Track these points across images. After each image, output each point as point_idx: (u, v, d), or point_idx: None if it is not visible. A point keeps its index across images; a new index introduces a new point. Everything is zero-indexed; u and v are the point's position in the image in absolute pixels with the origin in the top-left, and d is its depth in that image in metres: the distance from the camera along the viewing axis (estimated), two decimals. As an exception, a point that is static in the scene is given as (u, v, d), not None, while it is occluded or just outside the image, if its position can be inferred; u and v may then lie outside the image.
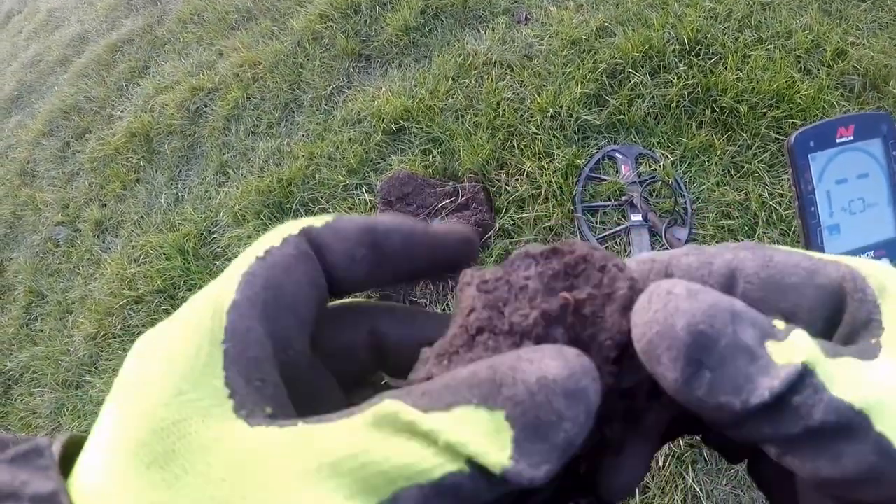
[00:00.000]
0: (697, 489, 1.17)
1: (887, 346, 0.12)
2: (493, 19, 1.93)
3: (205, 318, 0.13)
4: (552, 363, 0.11)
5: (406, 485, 0.10)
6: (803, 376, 0.11)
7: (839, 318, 0.13)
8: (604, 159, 1.57)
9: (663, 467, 1.19)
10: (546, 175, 1.54)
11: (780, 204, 1.45)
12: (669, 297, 0.11)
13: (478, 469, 0.10)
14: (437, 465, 0.10)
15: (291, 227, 0.15)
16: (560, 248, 0.14)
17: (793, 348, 0.11)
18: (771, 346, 0.11)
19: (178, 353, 0.12)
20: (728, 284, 0.14)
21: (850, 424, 0.11)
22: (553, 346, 0.12)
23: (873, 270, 0.13)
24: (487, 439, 0.10)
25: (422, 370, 0.13)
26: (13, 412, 1.83)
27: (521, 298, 0.13)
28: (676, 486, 1.18)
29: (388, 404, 0.11)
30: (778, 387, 0.11)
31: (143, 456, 0.11)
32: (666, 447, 1.20)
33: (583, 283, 0.13)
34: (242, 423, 0.11)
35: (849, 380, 0.11)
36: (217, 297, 0.13)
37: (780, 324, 0.12)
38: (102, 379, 1.72)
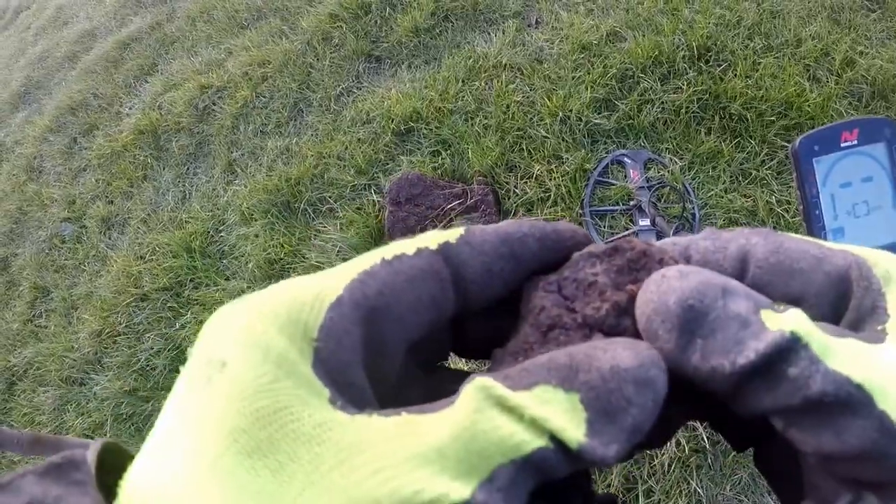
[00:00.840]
0: (701, 493, 1.17)
1: (893, 333, 0.13)
2: (503, 22, 1.94)
3: (302, 308, 0.12)
4: (624, 353, 0.12)
5: (503, 461, 0.11)
6: (797, 348, 0.11)
7: (845, 305, 0.14)
8: (612, 164, 1.58)
9: (668, 472, 1.19)
10: (555, 178, 1.54)
11: (787, 211, 1.45)
12: (663, 279, 0.13)
13: (559, 445, 0.11)
14: (528, 441, 0.11)
15: (428, 239, 0.14)
16: (621, 246, 0.15)
17: (785, 319, 0.12)
18: (766, 315, 0.12)
19: (273, 340, 0.12)
20: (740, 268, 0.14)
21: (852, 399, 0.11)
22: (624, 338, 0.13)
23: (880, 259, 0.14)
24: (565, 417, 0.11)
25: (498, 369, 0.14)
26: (16, 408, 1.83)
27: (591, 293, 0.14)
28: (681, 491, 1.18)
29: (480, 379, 0.11)
30: (763, 348, 0.11)
31: (244, 443, 0.10)
32: (671, 452, 1.20)
33: (645, 275, 0.14)
34: (342, 413, 0.11)
35: (849, 356, 0.12)
36: (322, 287, 0.13)
37: (781, 305, 0.13)
38: (106, 376, 1.72)
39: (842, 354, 0.12)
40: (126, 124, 2.38)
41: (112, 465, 0.12)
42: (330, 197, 1.74)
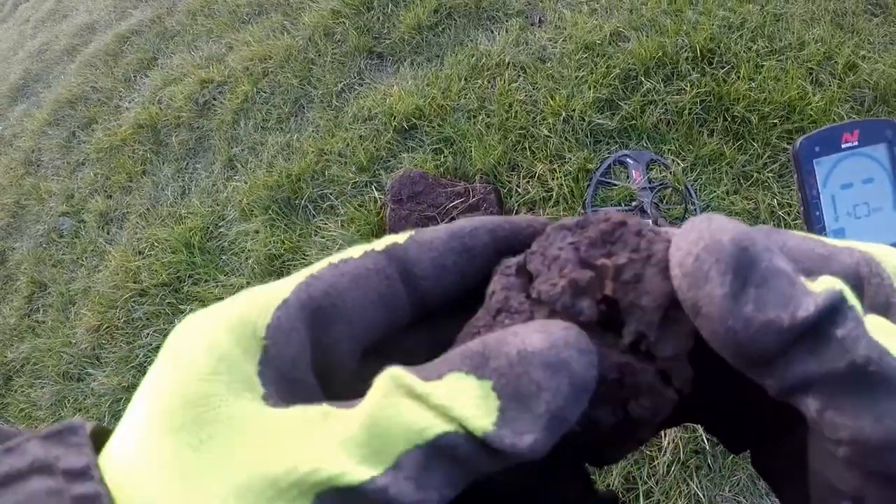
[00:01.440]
0: (701, 495, 1.18)
1: None
2: (506, 20, 1.93)
3: (253, 311, 0.13)
4: (535, 336, 0.11)
5: (407, 447, 0.11)
6: (843, 309, 0.11)
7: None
8: (615, 164, 1.58)
9: (667, 473, 1.19)
10: (557, 178, 1.54)
11: (788, 214, 1.46)
12: (711, 220, 0.12)
13: (470, 433, 0.11)
14: (431, 426, 0.11)
15: (376, 242, 0.15)
16: (591, 218, 0.14)
17: (827, 280, 0.11)
18: (804, 279, 0.11)
19: (220, 339, 0.12)
20: None
21: (893, 377, 0.10)
22: (542, 321, 0.12)
23: (888, 254, 0.14)
24: (475, 404, 0.11)
25: None
26: (13, 403, 1.81)
27: (553, 269, 0.13)
28: (680, 492, 1.18)
29: (391, 370, 0.12)
30: (822, 302, 0.11)
31: (173, 422, 0.11)
32: (670, 453, 1.20)
33: (620, 248, 0.13)
34: (268, 406, 0.12)
35: (883, 330, 0.11)
36: (272, 293, 0.13)
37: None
38: (104, 372, 1.71)
39: (876, 325, 0.11)
40: (125, 118, 2.37)
41: (104, 441, 0.13)
42: (331, 194, 1.74)
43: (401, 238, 0.15)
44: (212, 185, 1.97)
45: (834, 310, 0.11)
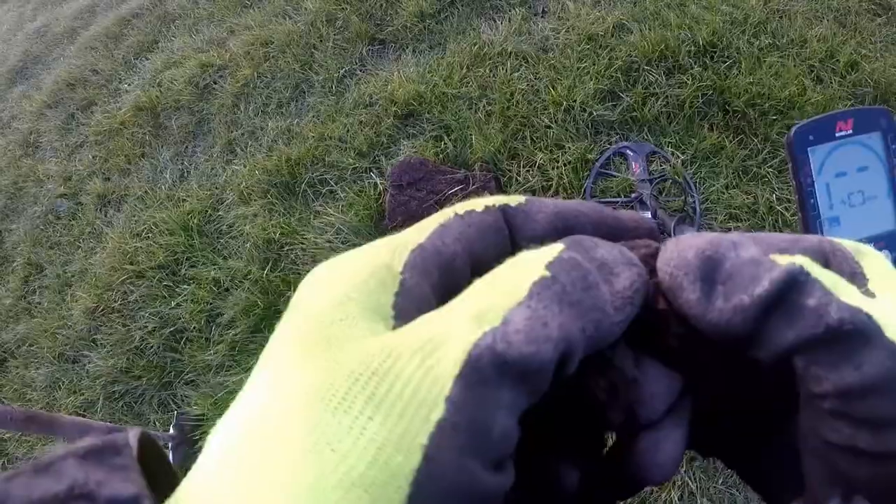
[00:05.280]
0: (694, 486, 1.18)
1: (876, 291, 0.14)
2: (509, 10, 1.93)
3: (385, 252, 0.13)
4: None
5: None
6: (809, 280, 0.12)
7: None
8: (615, 155, 1.58)
9: (661, 463, 1.20)
10: (557, 168, 1.54)
11: (787, 209, 1.46)
12: (679, 240, 0.14)
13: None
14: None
15: (491, 200, 0.15)
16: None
17: (793, 257, 0.13)
18: (775, 256, 0.13)
19: (356, 271, 0.13)
20: None
21: (867, 330, 0.12)
22: None
23: (845, 240, 0.15)
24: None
25: None
26: (7, 384, 1.81)
27: None
28: (673, 483, 1.19)
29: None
30: (777, 276, 0.12)
31: (304, 344, 0.12)
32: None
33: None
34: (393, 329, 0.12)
35: (854, 294, 0.13)
36: (403, 239, 0.14)
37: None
38: (100, 354, 1.71)
39: (848, 290, 0.13)
40: (125, 101, 2.35)
41: (147, 456, 0.12)
42: (331, 179, 1.73)
43: (513, 201, 0.15)
44: (211, 168, 1.97)
45: (796, 282, 0.12)
